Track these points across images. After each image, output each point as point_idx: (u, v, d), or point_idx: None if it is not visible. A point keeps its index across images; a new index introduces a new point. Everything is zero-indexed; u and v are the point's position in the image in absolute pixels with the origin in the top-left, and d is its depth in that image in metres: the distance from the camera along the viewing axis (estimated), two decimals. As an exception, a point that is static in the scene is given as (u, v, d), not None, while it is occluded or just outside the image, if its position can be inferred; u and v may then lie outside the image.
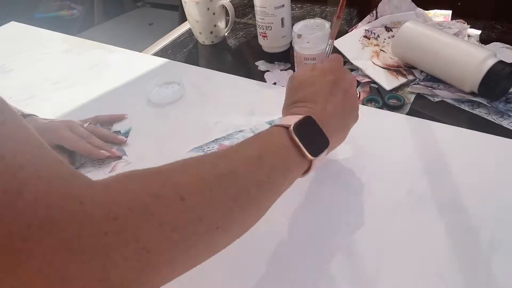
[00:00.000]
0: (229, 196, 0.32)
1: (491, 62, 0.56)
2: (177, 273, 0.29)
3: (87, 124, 0.61)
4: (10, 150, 0.22)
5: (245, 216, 0.34)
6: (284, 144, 0.37)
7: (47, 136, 0.57)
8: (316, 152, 0.38)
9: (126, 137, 0.61)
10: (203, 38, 0.85)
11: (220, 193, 0.31)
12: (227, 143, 0.57)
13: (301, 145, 0.37)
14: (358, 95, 0.50)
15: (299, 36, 0.61)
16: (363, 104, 0.62)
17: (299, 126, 0.38)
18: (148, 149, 0.58)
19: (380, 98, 0.63)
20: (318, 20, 0.64)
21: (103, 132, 0.61)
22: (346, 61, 0.71)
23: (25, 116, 0.59)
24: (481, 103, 0.59)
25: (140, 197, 0.26)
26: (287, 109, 0.43)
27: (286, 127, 0.38)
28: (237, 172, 0.33)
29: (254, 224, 0.35)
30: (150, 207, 0.26)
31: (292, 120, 0.39)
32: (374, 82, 0.66)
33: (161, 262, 0.26)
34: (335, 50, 0.70)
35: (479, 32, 0.73)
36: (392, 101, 0.62)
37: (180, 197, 0.28)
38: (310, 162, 0.39)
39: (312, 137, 0.39)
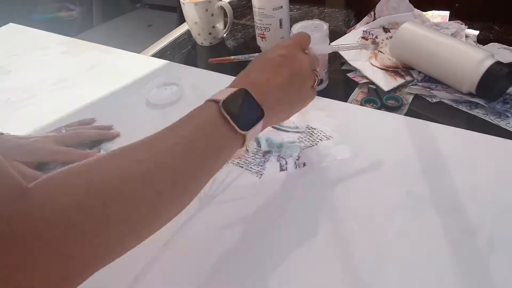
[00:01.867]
0: (153, 193, 0.31)
1: (488, 63, 0.56)
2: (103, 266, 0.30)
3: (64, 130, 0.60)
4: None
5: (171, 207, 0.34)
6: (215, 121, 0.37)
7: (37, 157, 0.55)
8: (247, 126, 0.38)
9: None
10: (201, 39, 0.85)
11: (143, 193, 0.31)
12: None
13: (231, 121, 0.37)
14: (319, 80, 0.48)
15: (298, 37, 0.61)
16: (361, 105, 0.62)
17: (230, 100, 0.38)
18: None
19: (378, 99, 0.63)
20: (316, 21, 0.64)
21: (89, 134, 0.61)
22: (344, 62, 0.71)
23: None
24: (479, 103, 0.59)
25: (64, 209, 0.26)
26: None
27: (217, 102, 0.38)
28: (161, 165, 0.33)
29: (182, 209, 0.35)
30: (73, 218, 0.27)
31: (225, 94, 0.39)
32: (372, 83, 0.66)
33: (85, 266, 0.28)
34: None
35: (476, 32, 0.73)
36: (390, 102, 0.62)
37: (103, 203, 0.28)
38: (244, 135, 0.38)
39: (244, 109, 0.39)
